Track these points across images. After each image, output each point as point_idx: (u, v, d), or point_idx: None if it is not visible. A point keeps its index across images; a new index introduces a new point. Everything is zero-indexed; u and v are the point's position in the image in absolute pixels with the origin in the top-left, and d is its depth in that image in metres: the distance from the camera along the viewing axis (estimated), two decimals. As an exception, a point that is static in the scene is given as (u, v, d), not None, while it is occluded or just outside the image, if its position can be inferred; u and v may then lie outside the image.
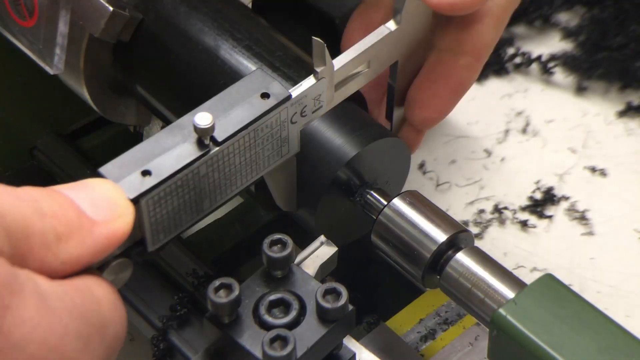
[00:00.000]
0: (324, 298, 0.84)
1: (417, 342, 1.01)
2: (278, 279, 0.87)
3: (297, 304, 0.85)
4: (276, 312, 0.85)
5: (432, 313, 1.02)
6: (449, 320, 1.02)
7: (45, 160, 1.16)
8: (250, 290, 0.86)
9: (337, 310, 0.84)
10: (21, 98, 1.15)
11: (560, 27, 1.45)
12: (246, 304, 0.85)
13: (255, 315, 0.85)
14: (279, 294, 0.85)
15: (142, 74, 1.04)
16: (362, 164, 0.96)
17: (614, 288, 1.20)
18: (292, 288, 0.86)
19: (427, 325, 1.02)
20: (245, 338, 0.83)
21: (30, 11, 1.02)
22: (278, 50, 1.01)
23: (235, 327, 0.84)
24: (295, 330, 0.83)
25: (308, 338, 0.83)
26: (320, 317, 0.84)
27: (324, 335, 0.84)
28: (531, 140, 1.34)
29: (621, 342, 0.84)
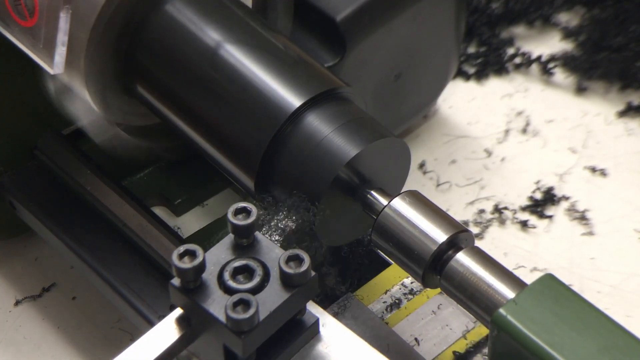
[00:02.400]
0: (287, 264, 0.86)
1: (383, 311, 1.02)
2: (243, 246, 0.89)
3: (261, 270, 0.87)
4: (240, 278, 0.87)
5: (397, 284, 1.04)
6: (414, 290, 1.04)
7: (45, 160, 1.16)
8: (215, 258, 0.88)
9: (299, 275, 0.86)
10: (21, 98, 1.14)
11: (560, 27, 1.45)
12: (211, 271, 0.87)
13: (220, 281, 0.87)
14: (244, 261, 0.87)
15: (143, 74, 1.04)
16: (363, 164, 0.96)
17: (614, 288, 1.20)
18: (256, 255, 0.88)
19: (392, 296, 1.04)
20: (209, 303, 0.85)
21: (30, 11, 1.02)
22: (279, 50, 1.01)
23: (200, 292, 0.86)
24: (259, 295, 0.85)
25: (271, 302, 0.85)
26: (283, 283, 0.86)
27: (286, 299, 0.86)
28: (531, 140, 1.34)
29: (621, 342, 0.84)
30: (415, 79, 1.25)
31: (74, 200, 1.14)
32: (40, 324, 1.19)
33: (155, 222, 1.09)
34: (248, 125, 0.98)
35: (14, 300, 1.21)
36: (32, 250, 1.24)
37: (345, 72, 1.14)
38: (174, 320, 0.88)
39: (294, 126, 0.96)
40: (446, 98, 1.37)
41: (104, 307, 1.17)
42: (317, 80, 0.99)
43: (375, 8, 1.15)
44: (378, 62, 1.19)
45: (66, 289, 1.21)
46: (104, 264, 1.09)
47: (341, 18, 1.13)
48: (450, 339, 1.00)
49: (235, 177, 1.01)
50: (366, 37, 1.16)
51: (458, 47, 1.28)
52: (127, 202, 1.10)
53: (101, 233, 1.11)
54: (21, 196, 1.15)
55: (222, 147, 1.01)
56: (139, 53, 1.03)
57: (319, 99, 0.97)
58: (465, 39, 1.41)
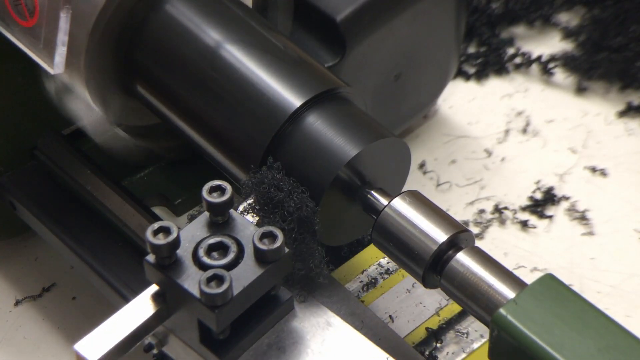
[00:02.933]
0: (260, 241, 0.87)
1: (359, 290, 1.04)
2: (218, 224, 0.90)
3: (235, 247, 0.88)
4: (215, 255, 0.88)
5: (374, 264, 1.05)
6: (390, 270, 1.05)
7: (45, 160, 1.16)
8: (190, 235, 0.89)
9: (273, 252, 0.87)
10: (21, 98, 1.14)
11: (560, 27, 1.45)
12: (186, 248, 0.88)
13: (194, 258, 0.88)
14: (218, 238, 0.88)
15: (143, 74, 1.04)
16: (363, 164, 0.96)
17: (614, 288, 1.20)
18: (231, 233, 0.89)
19: (369, 275, 1.05)
20: (184, 278, 0.87)
21: (30, 11, 1.02)
22: (279, 50, 1.01)
23: (175, 268, 0.87)
24: (233, 271, 0.86)
25: (245, 278, 0.86)
26: (257, 259, 0.87)
27: (260, 275, 0.87)
28: (531, 140, 1.34)
29: (621, 342, 0.84)
30: (415, 79, 1.25)
31: (74, 200, 1.14)
32: (40, 324, 1.19)
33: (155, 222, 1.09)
34: (248, 125, 0.98)
35: (14, 300, 1.21)
36: (32, 250, 1.24)
37: (345, 72, 1.14)
38: (150, 297, 0.90)
39: (294, 126, 0.96)
40: (446, 98, 1.37)
41: (104, 307, 1.17)
42: (317, 80, 0.99)
43: (375, 8, 1.15)
44: (378, 62, 1.19)
45: (66, 289, 1.21)
46: (104, 264, 1.09)
47: (341, 18, 1.13)
48: (424, 316, 1.02)
49: (236, 177, 1.01)
50: (366, 37, 1.16)
51: (458, 47, 1.28)
52: (127, 202, 1.10)
53: (101, 233, 1.11)
54: (21, 196, 1.15)
55: (222, 147, 1.01)
56: (139, 53, 1.03)
57: (319, 99, 0.97)
58: (465, 39, 1.41)
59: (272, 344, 0.91)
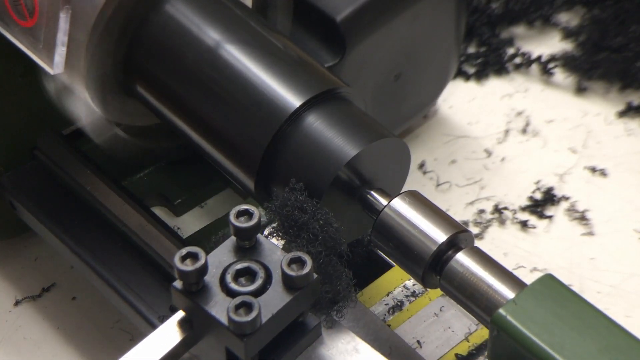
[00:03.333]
0: (289, 266, 0.86)
1: (385, 313, 1.02)
2: (245, 249, 0.88)
3: (263, 272, 0.87)
4: (243, 281, 0.87)
5: (400, 286, 1.04)
6: (416, 292, 1.04)
7: (45, 160, 1.16)
8: (217, 260, 0.88)
9: (301, 278, 0.85)
10: (21, 98, 1.14)
11: (560, 27, 1.45)
12: (214, 273, 0.87)
13: (222, 284, 0.86)
14: (246, 263, 0.87)
15: (143, 74, 1.04)
16: (363, 164, 0.96)
17: (614, 288, 1.20)
18: (258, 258, 0.88)
19: (395, 298, 1.03)
20: (211, 305, 0.85)
21: (30, 11, 1.02)
22: (278, 50, 1.01)
23: (203, 295, 0.86)
24: (261, 298, 0.85)
25: (273, 305, 0.85)
26: (285, 285, 0.86)
27: (288, 302, 0.85)
28: (531, 140, 1.34)
29: (621, 342, 0.84)
30: (415, 79, 1.25)
31: (74, 200, 1.14)
32: (40, 324, 1.19)
33: (155, 222, 1.09)
34: (248, 125, 0.98)
35: (14, 300, 1.21)
36: (32, 250, 1.24)
37: (345, 72, 1.14)
38: (176, 323, 0.88)
39: (293, 126, 0.96)
40: (446, 98, 1.37)
41: (104, 307, 1.17)
42: (317, 80, 0.99)
43: (375, 8, 1.15)
44: (378, 62, 1.19)
45: (66, 289, 1.21)
46: (104, 264, 1.09)
47: (341, 18, 1.13)
48: (453, 341, 1.00)
49: (235, 177, 1.01)
50: (366, 37, 1.16)
51: (458, 47, 1.28)
52: (127, 202, 1.10)
53: (101, 233, 1.11)
54: (21, 196, 1.15)
55: (222, 147, 1.01)
56: (138, 53, 1.03)
57: (319, 99, 0.97)
58: (465, 39, 1.41)
59: (300, 371, 0.89)
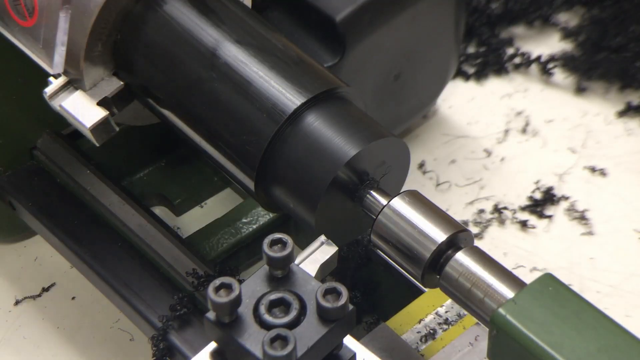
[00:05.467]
0: (324, 298, 0.84)
1: (417, 342, 1.00)
2: (278, 278, 0.86)
3: (297, 303, 0.85)
4: (277, 312, 0.85)
5: (432, 313, 1.02)
6: (449, 320, 1.02)
7: (45, 160, 1.16)
8: (250, 290, 0.86)
9: (337, 310, 0.83)
10: (21, 98, 1.15)
11: (560, 27, 1.45)
12: (247, 304, 0.85)
13: (255, 315, 0.85)
14: (279, 294, 0.85)
15: (141, 74, 1.04)
16: (362, 163, 0.96)
17: (613, 288, 1.20)
18: (292, 288, 0.86)
19: (427, 325, 1.01)
20: (245, 337, 0.83)
21: (30, 11, 1.02)
22: (278, 50, 1.01)
23: (236, 326, 0.84)
24: (296, 330, 0.83)
25: (308, 337, 0.83)
26: (320, 317, 0.84)
27: (324, 335, 0.83)
28: (531, 140, 1.34)
29: (621, 342, 0.84)
30: (415, 79, 1.25)
31: (74, 200, 1.14)
32: (40, 324, 1.19)
33: (155, 222, 1.09)
34: (248, 125, 0.98)
35: (14, 300, 1.21)
36: (32, 250, 1.24)
37: (345, 72, 1.14)
38: (209, 354, 0.87)
39: (293, 126, 0.96)
40: (446, 98, 1.37)
41: (104, 307, 1.17)
42: (317, 80, 0.99)
43: (375, 8, 1.15)
44: (378, 62, 1.19)
45: (66, 289, 1.21)
46: (104, 264, 1.09)
47: (341, 18, 1.13)
48: None
49: (235, 177, 1.01)
50: (366, 37, 1.16)
51: (458, 47, 1.28)
52: (127, 202, 1.10)
53: (101, 233, 1.11)
54: (21, 196, 1.15)
55: (221, 147, 1.01)
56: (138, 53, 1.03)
57: (319, 98, 0.97)
58: (465, 39, 1.41)
59: (336, 405, 0.87)
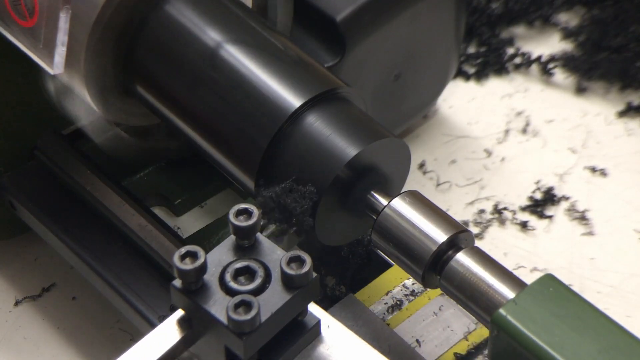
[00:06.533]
0: (288, 265, 0.86)
1: (384, 312, 1.02)
2: (245, 248, 0.89)
3: (262, 271, 0.87)
4: (242, 280, 0.87)
5: (399, 285, 1.04)
6: (415, 291, 1.04)
7: (45, 160, 1.16)
8: (217, 259, 0.88)
9: (300, 277, 0.86)
10: (22, 98, 1.15)
11: (560, 27, 1.45)
12: (213, 272, 0.87)
13: (221, 283, 0.87)
14: (245, 262, 0.87)
15: (143, 74, 1.04)
16: (363, 164, 0.96)
17: (614, 288, 1.20)
18: (258, 257, 0.88)
19: (394, 297, 1.03)
20: (211, 304, 0.86)
21: (30, 11, 1.02)
22: (279, 50, 1.01)
23: (202, 294, 0.86)
24: (260, 297, 0.85)
25: (272, 304, 0.85)
26: (284, 284, 0.86)
27: (288, 301, 0.86)
28: (531, 140, 1.34)
29: (621, 342, 0.84)
30: (415, 79, 1.25)
31: (74, 200, 1.14)
32: (40, 324, 1.19)
33: (155, 222, 1.09)
34: (248, 125, 0.98)
35: (14, 300, 1.21)
36: (32, 250, 1.24)
37: (345, 72, 1.14)
38: (176, 322, 0.88)
39: (293, 126, 0.96)
40: (446, 98, 1.37)
41: (104, 307, 1.17)
42: (317, 80, 0.99)
43: (375, 8, 1.15)
44: (378, 62, 1.19)
45: (66, 289, 1.21)
46: (104, 264, 1.09)
47: (341, 18, 1.13)
48: (452, 340, 1.00)
49: (235, 177, 1.01)
50: (366, 37, 1.16)
51: (458, 47, 1.28)
52: (127, 202, 1.10)
53: (101, 233, 1.11)
54: (21, 196, 1.15)
55: (222, 147, 1.01)
56: (138, 53, 1.03)
57: (319, 99, 0.97)
58: (465, 39, 1.41)
59: (300, 370, 0.89)
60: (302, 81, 0.98)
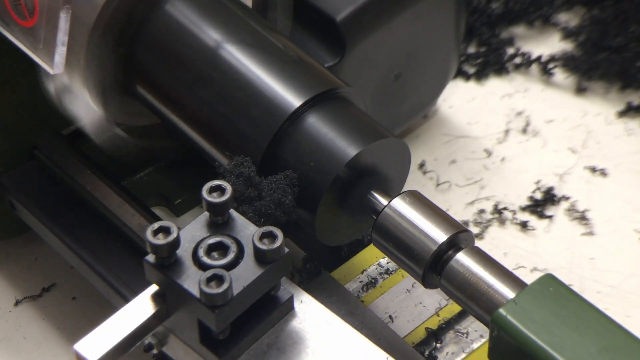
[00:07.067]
0: (260, 241, 0.87)
1: (359, 290, 1.04)
2: (218, 224, 0.90)
3: (235, 247, 0.88)
4: (215, 255, 0.88)
5: (374, 264, 1.05)
6: (390, 270, 1.05)
7: (45, 160, 1.16)
8: (190, 235, 0.89)
9: (273, 251, 0.87)
10: (21, 98, 1.15)
11: (560, 27, 1.45)
12: (186, 248, 0.88)
13: (194, 258, 0.88)
14: (218, 238, 0.89)
15: (143, 74, 1.04)
16: (363, 164, 0.96)
17: (614, 288, 1.20)
18: (231, 233, 0.89)
19: (369, 275, 1.05)
20: (183, 278, 0.87)
21: (30, 11, 1.02)
22: (278, 50, 1.01)
23: (175, 268, 0.87)
24: (233, 271, 0.87)
25: (245, 278, 0.87)
26: (257, 259, 0.88)
27: (260, 275, 0.87)
28: (531, 140, 1.34)
29: (621, 342, 0.84)
30: (415, 79, 1.25)
31: (74, 200, 1.14)
32: (40, 324, 1.19)
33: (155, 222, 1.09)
34: (248, 125, 0.98)
35: (14, 300, 1.21)
36: (32, 250, 1.24)
37: (345, 72, 1.14)
38: (149, 297, 0.90)
39: (293, 126, 0.96)
40: (446, 98, 1.37)
41: (104, 307, 1.17)
42: (317, 80, 0.99)
43: (375, 8, 1.15)
44: (378, 62, 1.19)
45: (66, 289, 1.21)
46: (104, 264, 1.09)
47: (341, 18, 1.13)
48: (424, 316, 1.02)
49: (235, 177, 1.01)
50: (366, 37, 1.16)
51: (458, 47, 1.28)
52: (127, 202, 1.10)
53: (101, 233, 1.11)
54: (21, 196, 1.15)
55: (222, 147, 1.01)
56: (138, 53, 1.03)
57: (319, 99, 0.97)
58: (465, 39, 1.41)
59: (272, 344, 0.91)
60: (302, 81, 0.98)
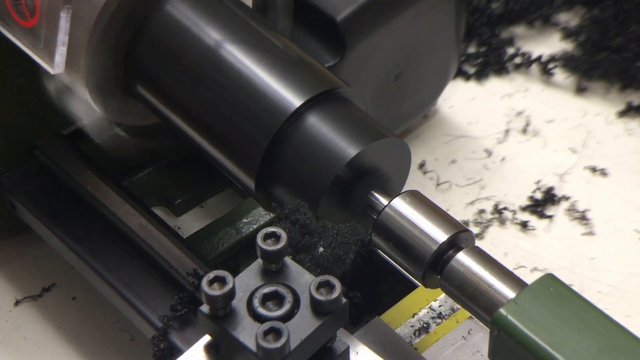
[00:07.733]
0: (317, 291, 0.84)
1: (411, 335, 1.00)
2: (272, 272, 0.87)
3: (290, 296, 0.85)
4: (270, 305, 0.85)
5: (425, 307, 1.02)
6: (443, 314, 1.02)
7: (45, 160, 1.16)
8: (244, 284, 0.86)
9: (330, 302, 0.84)
10: (22, 98, 1.15)
11: (560, 27, 1.45)
12: (240, 297, 0.85)
13: (249, 308, 0.85)
14: (273, 287, 0.86)
15: (143, 74, 1.04)
16: (363, 164, 0.96)
17: (614, 288, 1.20)
18: (286, 281, 0.86)
19: (420, 319, 1.01)
20: (239, 330, 0.84)
21: (31, 11, 1.02)
22: (279, 50, 1.01)
23: (230, 319, 0.84)
24: (289, 323, 0.84)
25: (302, 330, 0.84)
26: (314, 310, 0.84)
27: (317, 327, 0.84)
28: (531, 140, 1.34)
29: (622, 342, 0.84)
30: (415, 79, 1.25)
31: (74, 200, 1.14)
32: (40, 324, 1.19)
33: (155, 222, 1.09)
34: (248, 125, 0.98)
35: (14, 300, 1.21)
36: (32, 250, 1.24)
37: (345, 72, 1.14)
38: (203, 347, 0.87)
39: (294, 126, 0.96)
40: (446, 98, 1.37)
41: (104, 307, 1.17)
42: (317, 80, 0.99)
43: (375, 8, 1.15)
44: (378, 62, 1.19)
45: (66, 289, 1.21)
46: (104, 264, 1.09)
47: (341, 18, 1.13)
48: None
49: (236, 177, 1.01)
50: (366, 37, 1.16)
51: (458, 47, 1.28)
52: (127, 202, 1.10)
53: (101, 233, 1.11)
54: (21, 196, 1.15)
55: (222, 147, 1.01)
56: (139, 53, 1.03)
57: (319, 98, 0.97)
58: (465, 39, 1.41)
59: (329, 397, 0.88)
60: (303, 81, 0.98)
